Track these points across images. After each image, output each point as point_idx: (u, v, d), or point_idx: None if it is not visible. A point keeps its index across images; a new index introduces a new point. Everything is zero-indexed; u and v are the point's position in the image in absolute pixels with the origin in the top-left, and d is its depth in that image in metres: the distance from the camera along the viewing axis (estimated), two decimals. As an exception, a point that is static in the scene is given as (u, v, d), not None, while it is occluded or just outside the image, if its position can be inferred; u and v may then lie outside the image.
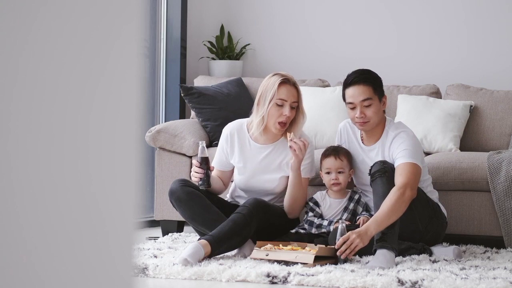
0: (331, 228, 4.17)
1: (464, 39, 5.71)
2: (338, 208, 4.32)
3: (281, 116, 4.19)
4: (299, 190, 4.26)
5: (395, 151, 4.15)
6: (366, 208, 4.33)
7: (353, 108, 4.20)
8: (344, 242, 3.87)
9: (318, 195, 4.36)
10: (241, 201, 4.34)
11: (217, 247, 3.95)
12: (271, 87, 4.21)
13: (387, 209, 3.93)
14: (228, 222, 4.01)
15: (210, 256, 3.93)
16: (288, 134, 4.17)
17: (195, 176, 4.20)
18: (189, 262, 3.80)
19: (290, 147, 4.14)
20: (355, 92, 4.19)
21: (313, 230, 4.25)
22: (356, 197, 4.35)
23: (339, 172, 4.30)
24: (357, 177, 4.42)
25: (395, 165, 4.10)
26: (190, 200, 4.19)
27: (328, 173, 4.32)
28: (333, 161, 4.30)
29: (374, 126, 4.24)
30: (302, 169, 4.27)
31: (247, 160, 4.34)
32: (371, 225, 3.92)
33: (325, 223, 4.23)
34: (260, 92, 4.26)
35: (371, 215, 4.30)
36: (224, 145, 4.39)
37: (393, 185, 4.02)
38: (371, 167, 4.12)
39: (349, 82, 4.23)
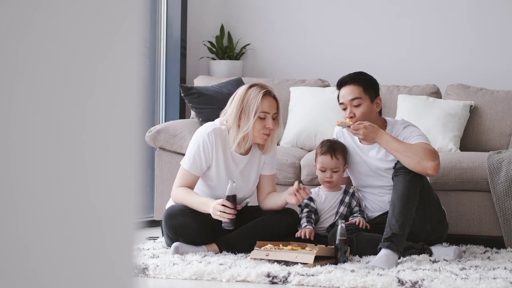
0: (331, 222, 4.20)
1: (464, 39, 5.71)
2: (334, 200, 4.32)
3: (264, 129, 4.13)
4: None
5: (408, 135, 4.17)
6: (359, 204, 4.33)
7: (345, 109, 4.23)
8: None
9: (312, 191, 4.35)
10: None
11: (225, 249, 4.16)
12: (254, 101, 4.11)
13: (409, 144, 4.05)
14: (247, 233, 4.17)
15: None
16: (296, 183, 4.12)
17: (225, 216, 3.98)
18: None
19: (294, 194, 4.10)
20: (345, 92, 4.23)
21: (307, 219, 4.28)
22: (351, 190, 4.36)
23: (334, 171, 4.31)
24: (355, 178, 4.41)
25: (414, 142, 4.13)
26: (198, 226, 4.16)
27: (322, 170, 4.32)
28: (329, 160, 4.30)
29: None
30: (267, 166, 4.33)
31: (227, 169, 4.19)
32: (384, 134, 4.08)
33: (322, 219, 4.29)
34: (241, 105, 4.12)
35: (367, 217, 4.33)
36: (209, 149, 4.18)
37: (416, 186, 4.02)
38: (397, 162, 4.09)
39: (340, 83, 4.27)
